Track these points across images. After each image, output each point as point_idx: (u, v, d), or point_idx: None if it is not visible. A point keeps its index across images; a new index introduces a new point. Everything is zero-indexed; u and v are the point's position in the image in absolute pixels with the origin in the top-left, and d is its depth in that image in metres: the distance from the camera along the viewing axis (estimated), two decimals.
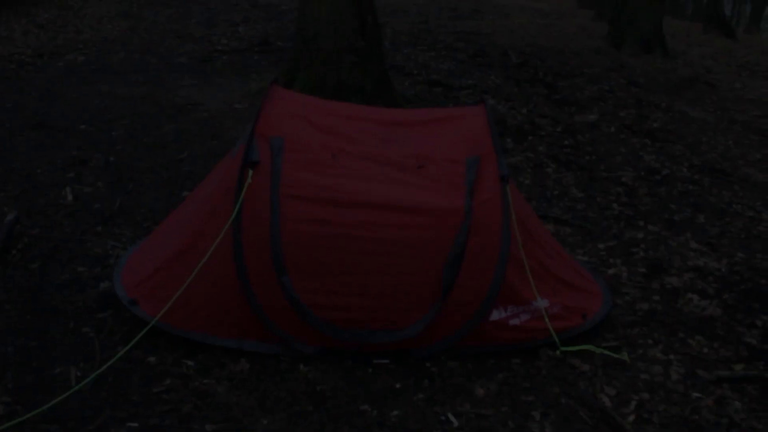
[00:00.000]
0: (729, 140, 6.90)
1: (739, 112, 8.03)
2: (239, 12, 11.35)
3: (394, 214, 2.97)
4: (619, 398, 2.90)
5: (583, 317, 3.24)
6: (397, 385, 2.89)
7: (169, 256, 3.12)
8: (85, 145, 5.31)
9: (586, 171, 5.56)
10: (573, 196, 5.09)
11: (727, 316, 3.61)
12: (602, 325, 3.35)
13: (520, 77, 8.06)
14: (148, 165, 5.00)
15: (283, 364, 2.97)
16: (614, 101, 7.61)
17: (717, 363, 3.20)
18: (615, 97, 7.77)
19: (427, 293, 2.97)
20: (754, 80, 10.22)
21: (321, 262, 2.93)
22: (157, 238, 3.46)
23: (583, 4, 16.94)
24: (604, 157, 5.90)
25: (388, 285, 2.95)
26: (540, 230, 3.44)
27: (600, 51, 10.50)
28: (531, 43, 10.41)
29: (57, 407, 2.58)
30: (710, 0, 15.85)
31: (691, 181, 5.59)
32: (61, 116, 5.95)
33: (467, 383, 2.93)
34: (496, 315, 3.05)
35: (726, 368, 3.16)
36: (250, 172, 2.96)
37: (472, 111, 3.46)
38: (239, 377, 2.87)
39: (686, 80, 9.16)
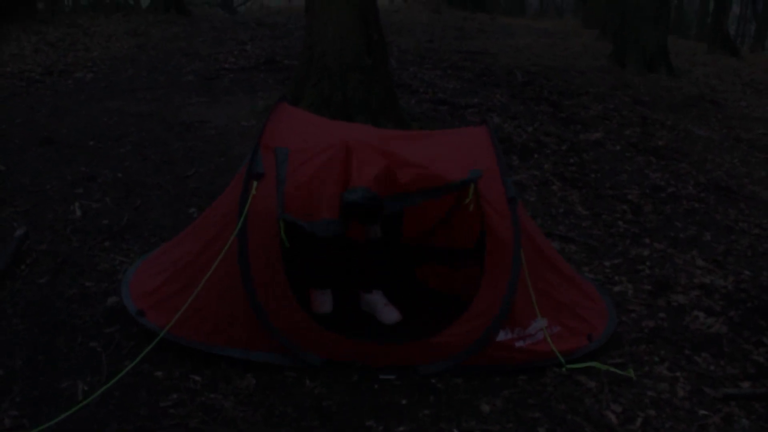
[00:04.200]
0: (734, 158, 6.91)
1: (745, 131, 8.05)
2: (246, 30, 11.45)
3: None
4: (625, 415, 2.89)
5: (588, 338, 3.24)
6: (403, 401, 2.89)
7: (177, 268, 3.15)
8: (94, 162, 5.35)
9: (591, 189, 5.57)
10: (578, 213, 5.10)
11: (734, 333, 3.60)
12: (608, 342, 3.35)
13: (525, 96, 8.10)
14: (155, 181, 5.04)
15: (289, 379, 2.97)
16: (619, 119, 7.63)
17: (724, 380, 3.19)
18: (620, 115, 7.80)
19: None
20: (759, 98, 10.24)
21: None
22: (165, 251, 3.49)
23: (587, 24, 17.04)
24: (609, 175, 5.92)
25: None
26: (547, 248, 3.45)
27: (605, 70, 10.55)
28: (536, 62, 10.47)
29: (64, 421, 2.59)
30: (714, 19, 15.92)
31: (697, 198, 5.59)
32: (70, 133, 6.00)
33: (473, 399, 2.93)
34: (501, 336, 3.05)
35: (733, 386, 3.14)
36: (255, 184, 2.97)
37: (475, 131, 3.49)
38: (246, 392, 2.87)
39: (691, 98, 9.19)
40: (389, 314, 3.44)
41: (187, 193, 4.87)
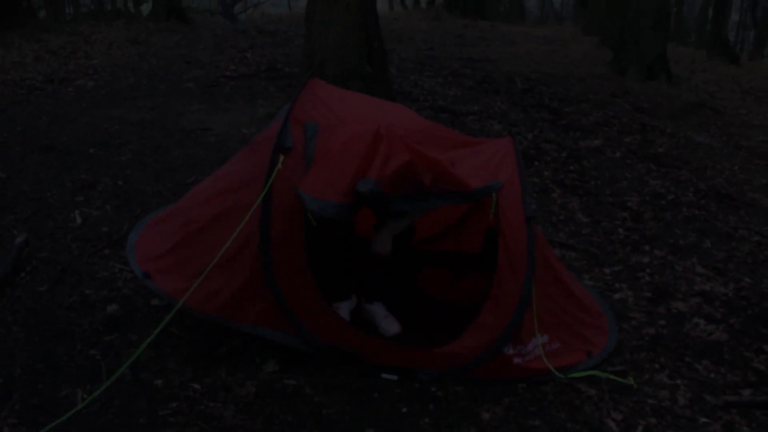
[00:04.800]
0: (734, 165, 6.91)
1: (745, 138, 8.05)
2: (247, 38, 11.47)
3: None
4: (625, 423, 2.88)
5: (588, 354, 3.23)
6: (404, 409, 2.88)
7: (189, 233, 3.07)
8: (94, 169, 5.36)
9: (591, 196, 5.57)
10: (578, 221, 5.10)
11: (735, 340, 3.60)
12: (609, 354, 3.35)
13: (525, 103, 8.11)
14: (156, 189, 5.04)
15: (288, 387, 2.97)
16: (619, 127, 7.64)
17: (724, 388, 3.18)
18: (620, 122, 7.80)
19: None
20: (759, 106, 10.25)
21: None
22: (174, 214, 3.38)
23: (587, 31, 17.06)
24: (609, 182, 5.92)
25: None
26: (554, 261, 3.45)
27: (604, 77, 10.56)
28: (536, 69, 10.48)
29: (63, 429, 2.58)
30: (714, 26, 15.96)
31: (697, 206, 5.59)
32: (70, 140, 6.01)
33: (473, 407, 2.92)
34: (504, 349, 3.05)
35: (734, 393, 3.14)
36: (281, 158, 2.89)
37: (500, 142, 3.46)
38: (245, 400, 2.87)
39: (691, 106, 9.20)
40: (389, 326, 3.43)
41: None
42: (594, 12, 16.96)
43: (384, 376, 3.04)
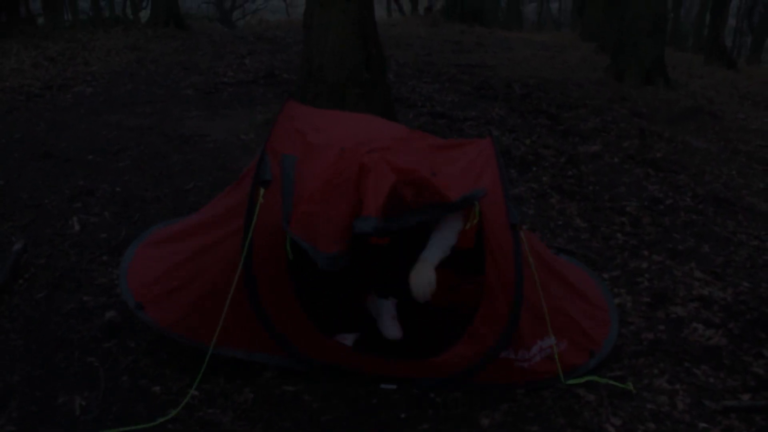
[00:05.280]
0: (732, 170, 6.91)
1: (742, 142, 8.06)
2: (245, 44, 11.50)
3: None
4: (624, 428, 2.87)
5: (591, 354, 3.23)
6: (402, 415, 2.88)
7: (177, 263, 3.11)
8: (92, 176, 5.36)
9: (589, 201, 5.58)
10: (577, 226, 5.10)
11: (734, 345, 3.59)
12: (608, 355, 3.34)
13: (523, 109, 8.12)
14: (154, 195, 5.04)
15: (287, 393, 2.97)
16: (617, 132, 7.65)
17: (724, 393, 3.18)
18: (618, 127, 7.82)
19: None
20: (756, 110, 10.27)
21: None
22: (164, 240, 3.42)
23: (585, 37, 17.11)
24: (607, 188, 5.92)
25: None
26: (551, 259, 3.43)
27: (602, 82, 10.58)
28: (534, 75, 10.50)
29: None
30: (711, 31, 16.01)
31: (695, 210, 5.60)
32: (68, 147, 6.01)
33: (472, 413, 2.91)
34: (503, 354, 3.04)
35: (733, 398, 3.14)
36: (262, 191, 2.91)
37: (481, 144, 3.44)
38: (244, 407, 2.86)
39: (689, 111, 9.21)
40: (392, 329, 3.39)
41: (186, 207, 4.87)
42: (591, 18, 17.01)
43: (383, 386, 3.04)
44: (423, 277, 2.92)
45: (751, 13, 29.49)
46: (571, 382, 3.10)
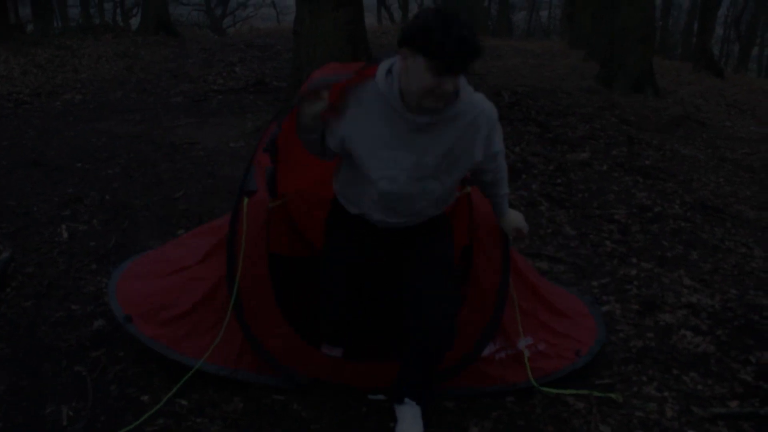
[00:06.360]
0: (720, 177, 6.97)
1: (730, 150, 8.13)
2: (235, 52, 11.50)
3: None
4: None
5: (576, 353, 3.24)
6: (391, 424, 2.87)
7: (167, 278, 3.12)
8: (81, 183, 5.34)
9: (578, 209, 5.60)
10: (566, 233, 5.12)
11: (721, 352, 3.62)
12: (597, 362, 3.35)
13: (512, 117, 8.15)
14: (143, 203, 5.02)
15: (276, 403, 2.95)
16: (606, 139, 7.70)
17: (712, 400, 3.19)
18: (607, 135, 7.86)
19: None
20: (743, 119, 10.36)
21: None
22: (156, 258, 3.43)
23: (573, 45, 17.21)
24: (596, 195, 5.95)
25: None
26: (526, 269, 3.45)
27: (591, 90, 10.65)
28: (523, 83, 10.56)
29: None
30: (699, 40, 16.14)
31: (684, 218, 5.63)
32: (57, 155, 5.99)
33: (461, 421, 2.91)
34: (485, 350, 3.06)
35: (721, 405, 3.15)
36: (246, 200, 2.90)
37: None
38: (233, 416, 2.85)
39: (677, 118, 9.28)
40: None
41: (176, 215, 4.86)
42: (580, 26, 17.12)
43: (371, 397, 3.03)
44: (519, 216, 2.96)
45: (738, 21, 29.76)
46: (558, 391, 3.10)
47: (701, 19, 16.52)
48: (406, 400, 2.80)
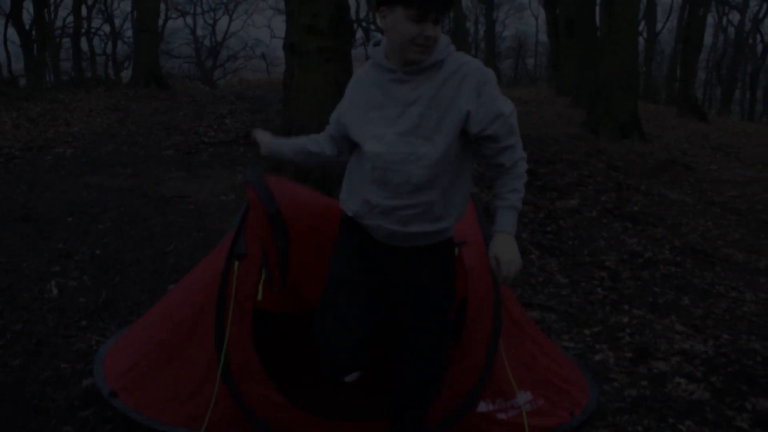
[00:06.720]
0: (708, 221, 7.03)
1: (716, 193, 8.23)
2: (225, 104, 11.63)
3: None
4: None
5: (570, 414, 3.21)
6: None
7: (150, 348, 3.08)
8: (72, 238, 5.33)
9: (569, 256, 5.62)
10: (557, 282, 5.13)
11: (716, 399, 3.60)
12: (591, 413, 3.33)
13: None
14: (134, 257, 5.01)
15: None
16: (594, 186, 7.77)
17: None
18: (595, 181, 7.94)
19: None
20: (728, 161, 10.52)
21: None
22: (140, 329, 3.42)
23: (560, 92, 17.51)
24: (586, 242, 5.99)
25: None
26: (525, 320, 3.44)
27: (578, 137, 10.79)
28: None
29: None
30: (682, 85, 16.46)
31: (674, 263, 5.66)
32: (48, 209, 5.99)
33: None
34: (483, 407, 3.02)
35: None
36: (236, 264, 2.90)
37: None
38: None
39: (663, 163, 9.41)
40: None
41: (167, 269, 4.84)
42: (566, 73, 17.45)
43: None
44: (512, 254, 2.49)
45: (719, 65, 30.41)
46: None
47: (683, 64, 16.88)
48: None
